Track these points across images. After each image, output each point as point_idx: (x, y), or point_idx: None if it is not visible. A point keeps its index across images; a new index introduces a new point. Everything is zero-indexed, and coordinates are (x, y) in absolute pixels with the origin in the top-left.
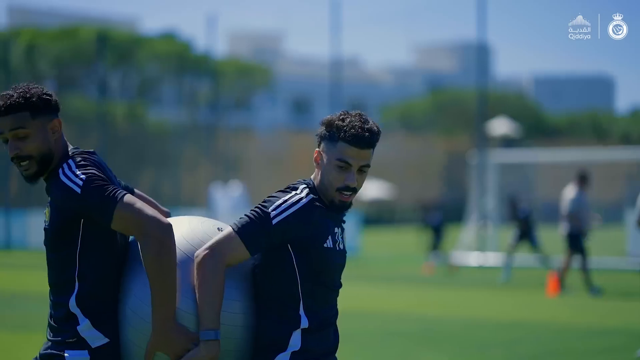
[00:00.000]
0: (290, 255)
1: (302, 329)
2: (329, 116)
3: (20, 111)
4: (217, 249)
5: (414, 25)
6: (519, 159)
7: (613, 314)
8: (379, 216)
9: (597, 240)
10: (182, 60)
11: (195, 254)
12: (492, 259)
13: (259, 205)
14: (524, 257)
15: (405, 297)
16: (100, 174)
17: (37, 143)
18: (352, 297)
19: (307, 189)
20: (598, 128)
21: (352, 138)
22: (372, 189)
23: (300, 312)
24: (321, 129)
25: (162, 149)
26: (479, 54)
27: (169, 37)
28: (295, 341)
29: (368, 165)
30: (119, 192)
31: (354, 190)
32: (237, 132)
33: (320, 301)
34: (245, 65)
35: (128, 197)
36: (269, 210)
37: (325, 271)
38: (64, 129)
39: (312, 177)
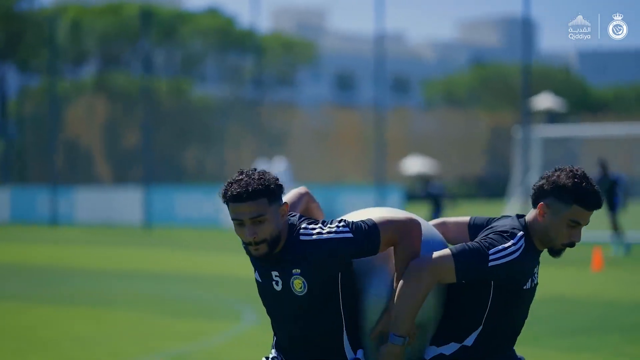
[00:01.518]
0: (489, 290)
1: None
2: (557, 174)
3: (259, 198)
4: (434, 271)
5: (457, 0)
6: (564, 134)
7: None
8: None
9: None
10: (226, 36)
11: (415, 265)
12: None
13: (480, 242)
14: None
15: None
16: (337, 219)
17: (271, 227)
18: None
19: (523, 239)
20: None
21: (589, 204)
22: (415, 165)
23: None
24: (547, 185)
25: (206, 125)
26: (524, 28)
27: (213, 13)
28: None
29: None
30: (368, 220)
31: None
32: (281, 108)
33: (499, 330)
34: (289, 41)
35: (376, 217)
36: (489, 252)
37: (516, 307)
38: (109, 106)
39: (527, 218)
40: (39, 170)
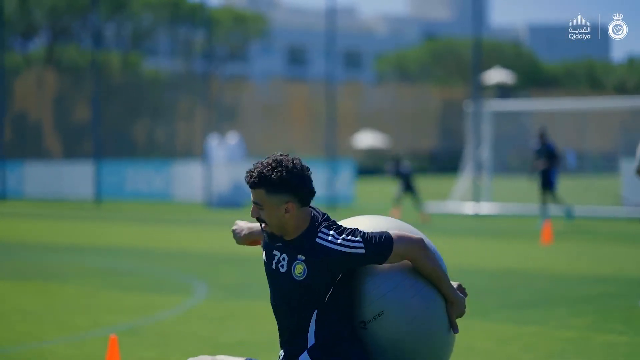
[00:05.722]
0: None
1: None
2: None
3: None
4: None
5: None
6: (515, 108)
7: (607, 261)
8: (374, 166)
9: (592, 189)
10: (176, 9)
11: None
12: (487, 208)
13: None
14: (517, 206)
15: None
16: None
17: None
18: None
19: None
20: (594, 77)
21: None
22: (366, 139)
23: None
24: None
25: (157, 99)
26: (474, 2)
27: None
28: None
29: (256, 203)
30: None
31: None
32: (232, 82)
33: None
34: (240, 14)
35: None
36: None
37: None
38: (58, 79)
39: None
40: None
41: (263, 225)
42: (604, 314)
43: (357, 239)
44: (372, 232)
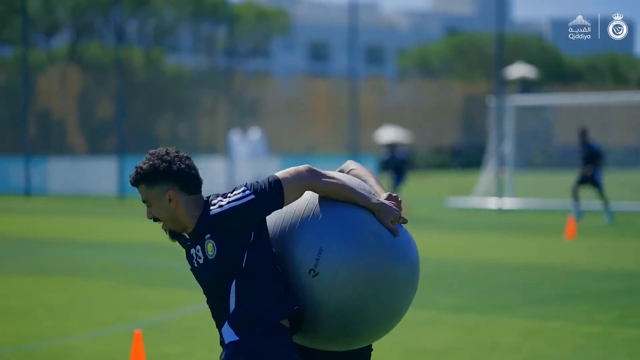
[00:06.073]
0: None
1: None
2: None
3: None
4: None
5: None
6: (537, 102)
7: (631, 256)
8: None
9: (615, 183)
10: (198, 5)
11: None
12: (510, 203)
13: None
14: (540, 200)
15: (422, 240)
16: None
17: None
18: None
19: None
20: (617, 71)
21: None
22: (388, 134)
23: None
24: None
25: (179, 95)
26: None
27: None
28: None
29: (145, 202)
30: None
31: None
32: (254, 78)
33: None
34: (262, 10)
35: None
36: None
37: None
38: (82, 76)
39: None
40: (11, 141)
41: (162, 225)
42: (628, 309)
43: (241, 189)
44: (258, 180)
